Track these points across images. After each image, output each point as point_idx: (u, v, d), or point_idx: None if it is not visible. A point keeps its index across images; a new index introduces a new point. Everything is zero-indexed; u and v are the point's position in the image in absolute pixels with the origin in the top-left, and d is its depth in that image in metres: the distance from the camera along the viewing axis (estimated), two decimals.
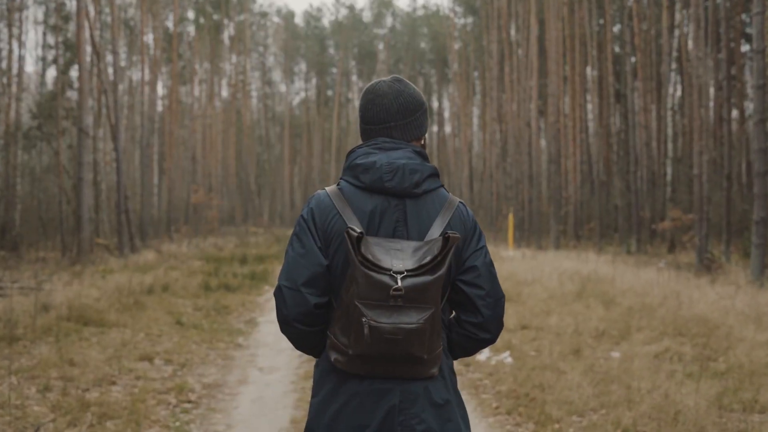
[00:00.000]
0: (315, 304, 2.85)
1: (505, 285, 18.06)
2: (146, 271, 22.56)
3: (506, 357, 10.46)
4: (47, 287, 18.58)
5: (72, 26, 39.70)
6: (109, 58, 41.06)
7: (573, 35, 44.08)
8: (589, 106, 49.42)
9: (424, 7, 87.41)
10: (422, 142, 3.13)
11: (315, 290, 2.86)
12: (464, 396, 8.77)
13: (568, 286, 17.61)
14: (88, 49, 34.54)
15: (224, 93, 76.57)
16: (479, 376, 9.61)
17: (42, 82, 47.10)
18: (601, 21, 46.77)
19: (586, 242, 39.28)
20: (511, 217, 33.51)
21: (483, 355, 10.70)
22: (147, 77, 50.79)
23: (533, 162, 42.53)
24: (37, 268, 23.90)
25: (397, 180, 2.88)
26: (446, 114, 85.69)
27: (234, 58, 75.04)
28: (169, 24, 61.32)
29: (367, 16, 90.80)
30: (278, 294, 2.89)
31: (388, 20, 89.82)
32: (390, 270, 2.69)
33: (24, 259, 28.12)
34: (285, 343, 12.36)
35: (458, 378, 9.68)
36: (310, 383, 9.24)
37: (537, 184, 42.88)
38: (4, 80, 37.10)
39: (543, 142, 52.65)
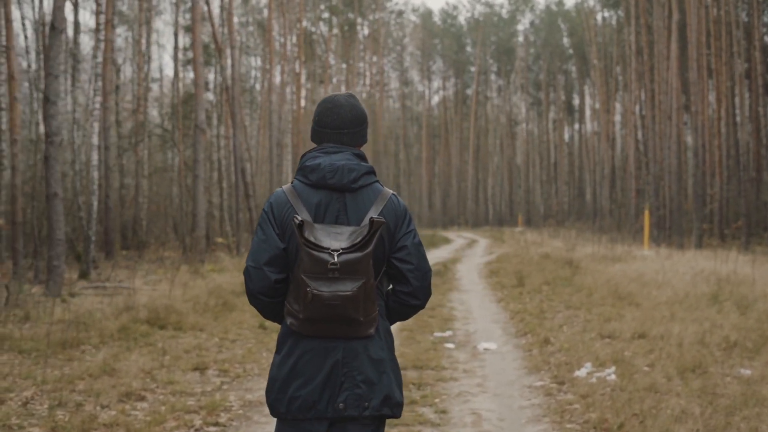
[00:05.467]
0: (275, 279, 3.52)
1: (629, 287, 16.29)
2: None
3: (610, 374, 8.81)
4: (145, 287, 17.91)
5: (207, 28, 39.35)
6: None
7: (719, 21, 41.35)
8: (737, 99, 46.45)
9: (562, 2, 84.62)
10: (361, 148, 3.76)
11: (275, 268, 3.52)
12: (545, 425, 7.24)
13: (702, 288, 15.69)
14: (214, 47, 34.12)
15: (361, 93, 75.90)
16: (571, 399, 7.99)
17: (184, 84, 47.27)
18: (747, 15, 43.86)
19: (732, 242, 36.60)
20: (646, 214, 31.44)
21: (583, 370, 9.08)
22: (279, 77, 50.53)
23: (674, 157, 39.99)
24: (150, 268, 23.38)
25: (337, 178, 3.52)
26: (587, 111, 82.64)
27: (369, 58, 74.36)
28: (304, 24, 61.08)
29: (504, 13, 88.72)
30: (246, 273, 3.55)
31: (527, 16, 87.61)
32: (329, 249, 3.33)
33: (145, 258, 27.76)
34: None
35: (547, 399, 8.14)
36: None
37: (679, 181, 40.32)
38: (136, 83, 37.11)
39: (690, 139, 49.80)
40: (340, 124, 3.64)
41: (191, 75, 53.71)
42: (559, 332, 12.12)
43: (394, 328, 13.07)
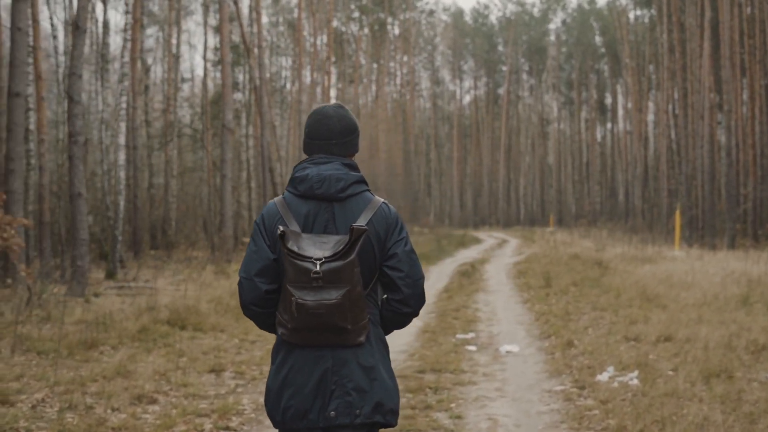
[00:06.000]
0: (266, 290, 3.57)
1: (657, 289, 16.03)
2: None
3: (632, 378, 8.61)
4: (169, 287, 17.88)
5: (237, 28, 39.43)
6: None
7: (752, 19, 40.77)
8: None
9: (594, 1, 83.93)
10: (353, 157, 3.80)
11: (265, 279, 3.57)
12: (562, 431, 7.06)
13: (732, 289, 15.42)
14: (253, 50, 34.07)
15: (392, 93, 75.70)
16: (590, 404, 7.77)
17: (215, 84, 47.34)
18: None
19: (766, 242, 36.02)
20: (677, 214, 31.07)
21: (605, 374, 8.88)
22: (309, 77, 50.54)
23: (707, 157, 39.50)
24: (177, 268, 23.36)
25: (324, 188, 3.56)
26: (620, 110, 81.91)
27: (400, 57, 74.17)
28: (334, 24, 61.12)
29: (536, 11, 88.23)
30: (239, 284, 3.64)
31: (558, 15, 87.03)
32: (311, 258, 3.39)
33: (173, 258, 27.77)
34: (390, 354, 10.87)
35: (566, 404, 7.95)
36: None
37: (712, 180, 39.83)
38: (166, 83, 37.22)
39: (723, 138, 49.16)
40: (329, 134, 3.69)
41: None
42: (583, 334, 11.90)
43: (417, 328, 12.96)
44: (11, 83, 17.70)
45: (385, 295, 3.70)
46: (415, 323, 13.87)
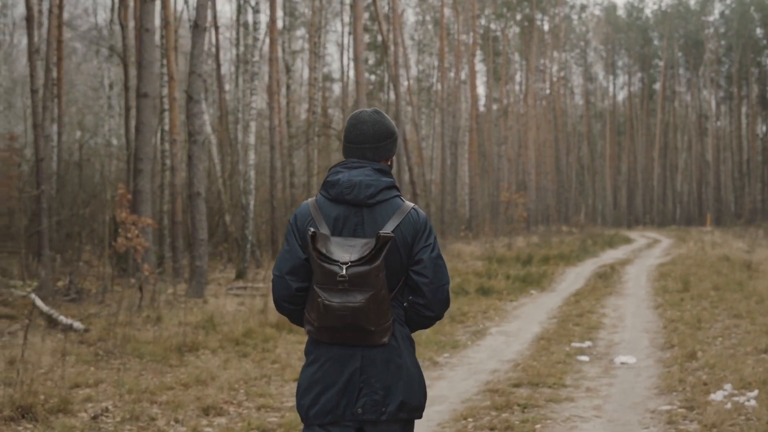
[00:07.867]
0: (296, 288, 3.71)
1: None
2: None
3: (750, 398, 7.71)
4: None
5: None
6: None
7: None
8: None
9: None
10: (389, 162, 3.92)
11: (296, 277, 3.71)
12: None
13: None
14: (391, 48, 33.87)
15: (542, 90, 74.36)
16: (694, 429, 6.92)
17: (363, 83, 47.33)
18: None
19: None
20: None
21: (720, 393, 8.00)
22: (454, 75, 50.08)
23: None
24: None
25: (354, 193, 3.69)
26: None
27: (550, 54, 72.77)
28: (482, 22, 60.53)
29: (693, 3, 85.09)
30: (272, 281, 3.82)
31: (716, 6, 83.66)
32: (338, 261, 3.54)
33: None
34: (495, 363, 10.27)
35: (667, 428, 7.11)
36: None
37: None
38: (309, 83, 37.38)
39: None
40: (362, 139, 3.79)
41: (369, 76, 54.00)
42: (711, 345, 10.95)
43: (532, 335, 12.35)
44: (139, 84, 17.87)
45: (411, 297, 3.76)
46: (532, 329, 13.18)
